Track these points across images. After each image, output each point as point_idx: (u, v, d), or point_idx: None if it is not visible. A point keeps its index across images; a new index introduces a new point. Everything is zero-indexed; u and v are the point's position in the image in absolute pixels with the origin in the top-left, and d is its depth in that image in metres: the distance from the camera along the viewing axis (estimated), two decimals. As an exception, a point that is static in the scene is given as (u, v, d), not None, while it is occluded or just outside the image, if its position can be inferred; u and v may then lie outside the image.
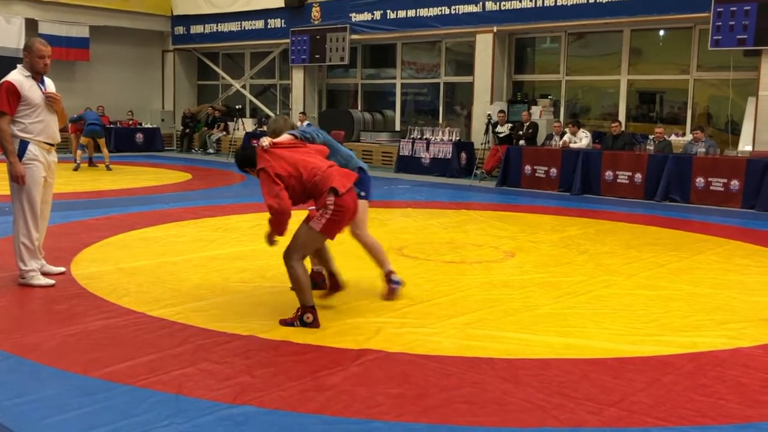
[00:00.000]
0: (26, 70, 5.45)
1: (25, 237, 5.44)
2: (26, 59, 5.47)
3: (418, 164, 15.69)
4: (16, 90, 5.27)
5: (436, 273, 6.20)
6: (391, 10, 17.11)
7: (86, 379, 3.62)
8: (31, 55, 5.46)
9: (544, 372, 3.86)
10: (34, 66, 5.47)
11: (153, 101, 22.58)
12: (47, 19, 19.37)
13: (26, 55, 5.48)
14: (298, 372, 3.78)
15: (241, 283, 5.68)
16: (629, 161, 12.11)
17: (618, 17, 13.76)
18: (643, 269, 6.51)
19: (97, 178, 13.42)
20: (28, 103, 5.35)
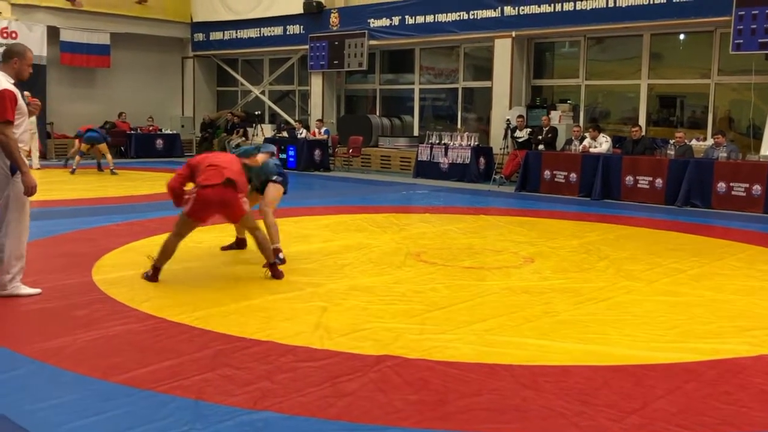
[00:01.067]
0: (10, 76, 5.16)
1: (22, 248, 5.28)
2: (15, 65, 5.19)
3: (437, 169, 15.68)
4: (15, 98, 5.04)
5: (454, 279, 6.18)
6: (409, 15, 17.13)
7: (106, 384, 3.64)
8: (22, 62, 5.23)
9: (565, 379, 3.84)
10: (22, 73, 5.26)
11: (173, 107, 22.74)
12: (69, 27, 19.57)
13: (16, 61, 5.19)
14: (318, 378, 3.78)
15: (260, 289, 5.69)
16: (650, 166, 12.02)
17: (638, 21, 13.69)
18: (664, 275, 6.46)
19: (117, 184, 13.53)
20: (21, 112, 5.14)
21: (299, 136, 17.80)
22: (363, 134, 18.02)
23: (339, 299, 5.40)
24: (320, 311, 5.06)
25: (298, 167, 17.04)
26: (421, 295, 5.59)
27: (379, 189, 13.64)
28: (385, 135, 18.56)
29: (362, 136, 17.91)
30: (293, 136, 17.87)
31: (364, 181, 15.10)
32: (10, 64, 5.20)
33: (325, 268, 6.50)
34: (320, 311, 5.06)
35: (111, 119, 20.80)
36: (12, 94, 5.02)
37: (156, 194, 12.09)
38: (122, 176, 15.13)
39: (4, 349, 4.11)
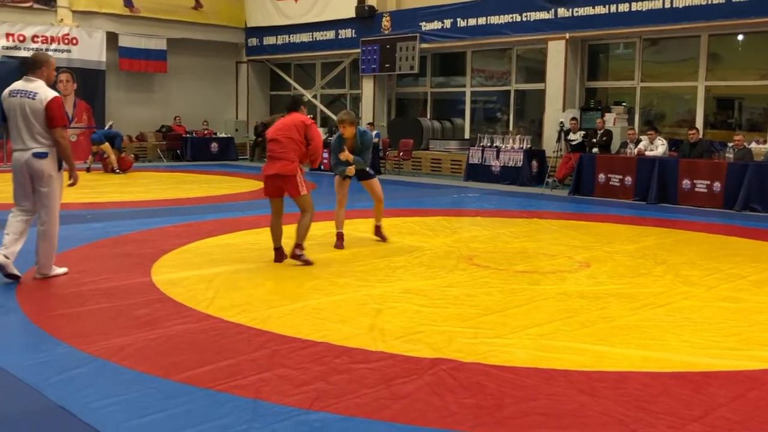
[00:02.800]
0: (45, 82, 5.74)
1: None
2: (44, 72, 5.74)
3: (488, 172, 15.61)
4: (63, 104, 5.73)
5: (508, 283, 6.15)
6: (461, 18, 17.10)
7: (167, 383, 3.72)
8: (50, 69, 5.78)
9: (623, 385, 3.79)
10: (51, 78, 5.81)
11: (227, 111, 23.10)
12: (127, 33, 20.05)
13: (45, 69, 5.74)
14: (373, 379, 3.80)
15: (314, 290, 5.75)
16: (707, 170, 11.78)
17: (695, 22, 13.43)
18: (723, 281, 6.32)
19: (174, 187, 13.79)
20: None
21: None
22: (414, 137, 18.04)
23: (392, 302, 5.42)
24: (374, 313, 5.08)
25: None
26: (475, 298, 5.57)
27: (429, 192, 13.64)
28: (436, 138, 18.55)
29: (413, 139, 17.93)
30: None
31: (414, 184, 15.11)
32: (41, 72, 5.72)
33: (378, 270, 6.52)
34: (374, 313, 5.08)
35: (167, 123, 21.29)
36: (62, 100, 5.69)
37: (212, 196, 12.32)
38: (178, 179, 15.40)
39: (68, 347, 4.23)
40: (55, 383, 3.69)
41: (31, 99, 5.61)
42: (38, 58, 5.82)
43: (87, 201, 10.93)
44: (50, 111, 5.60)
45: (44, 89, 5.68)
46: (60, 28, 19.00)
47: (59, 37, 18.96)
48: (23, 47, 18.45)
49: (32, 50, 18.48)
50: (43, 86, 5.70)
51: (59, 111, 5.63)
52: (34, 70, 5.71)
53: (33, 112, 5.60)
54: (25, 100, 5.62)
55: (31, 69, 5.73)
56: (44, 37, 18.75)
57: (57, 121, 5.62)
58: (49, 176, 5.67)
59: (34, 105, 5.60)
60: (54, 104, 5.62)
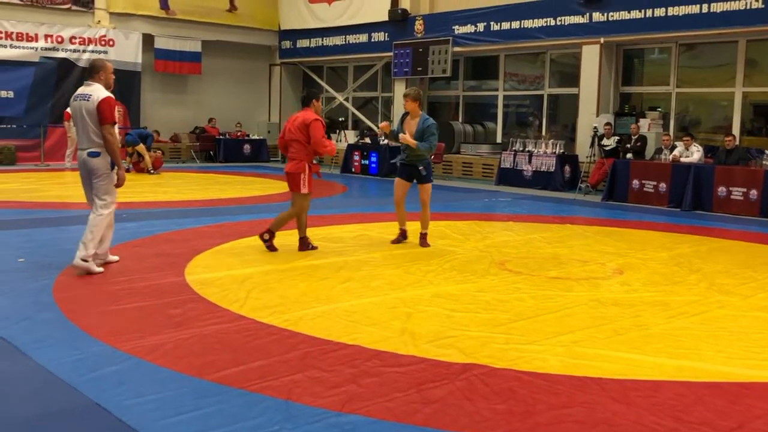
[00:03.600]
0: (103, 86, 6.21)
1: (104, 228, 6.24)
2: (102, 76, 6.24)
3: (520, 177, 15.53)
4: (115, 104, 6.21)
5: (540, 288, 6.11)
6: (494, 21, 17.04)
7: (201, 382, 3.76)
8: (107, 73, 6.28)
9: (656, 394, 3.75)
10: (109, 81, 6.30)
11: (260, 113, 23.26)
12: (163, 35, 20.28)
13: (102, 73, 6.24)
14: (404, 383, 3.80)
15: (346, 293, 5.76)
16: (744, 177, 11.60)
17: (733, 27, 13.24)
18: (760, 290, 6.22)
19: (206, 188, 13.92)
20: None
21: (382, 142, 17.92)
22: (445, 141, 17.97)
23: (423, 306, 5.42)
24: (405, 317, 5.08)
25: (380, 173, 17.17)
26: (506, 304, 5.55)
27: (461, 196, 13.60)
28: (468, 142, 18.50)
29: (444, 142, 17.87)
30: (376, 143, 18.01)
31: (445, 188, 15.08)
32: (99, 76, 6.24)
33: (408, 274, 6.52)
34: (405, 317, 5.08)
35: (201, 125, 21.49)
36: (114, 101, 6.14)
37: (244, 197, 12.41)
38: (211, 179, 15.56)
39: (105, 346, 4.30)
40: (90, 380, 3.74)
41: (87, 101, 6.10)
42: (95, 63, 6.35)
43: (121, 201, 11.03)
44: (100, 109, 6.03)
45: (99, 91, 6.12)
46: (97, 30, 19.28)
47: (96, 39, 19.23)
48: (61, 48, 18.77)
49: (69, 51, 18.84)
50: (99, 89, 6.15)
51: (109, 109, 6.06)
52: (93, 75, 6.23)
53: (88, 113, 6.07)
54: (83, 102, 6.12)
55: (90, 74, 6.26)
56: (82, 38, 19.04)
57: (106, 119, 6.04)
58: (101, 174, 6.15)
59: (89, 106, 6.07)
60: (104, 103, 6.04)
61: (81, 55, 19.04)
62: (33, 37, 18.38)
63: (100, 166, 6.13)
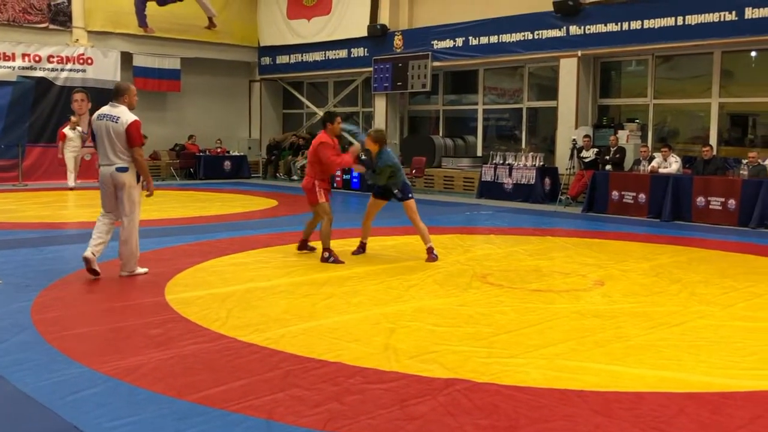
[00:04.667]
0: (127, 108, 6.73)
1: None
2: (126, 99, 6.74)
3: (501, 190, 15.59)
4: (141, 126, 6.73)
5: (522, 301, 6.12)
6: (473, 36, 17.16)
7: (181, 403, 3.71)
8: (131, 95, 6.79)
9: (638, 406, 3.75)
10: (133, 103, 6.80)
11: (240, 130, 23.22)
12: (141, 52, 20.22)
13: (126, 96, 6.75)
14: (387, 400, 3.78)
15: (328, 309, 5.74)
16: (722, 187, 11.71)
17: (708, 39, 13.41)
18: (740, 299, 6.27)
19: (187, 205, 13.85)
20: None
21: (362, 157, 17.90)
22: (426, 155, 18.05)
23: (406, 321, 5.41)
24: (388, 333, 5.07)
25: (362, 188, 17.16)
26: (489, 318, 5.55)
27: (442, 210, 13.63)
28: (448, 155, 18.56)
29: (425, 156, 17.94)
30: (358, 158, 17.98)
31: (427, 202, 15.09)
32: (123, 98, 6.72)
33: (391, 289, 6.51)
34: (388, 333, 5.07)
35: (181, 142, 21.40)
36: (140, 124, 6.69)
37: (225, 215, 12.35)
38: (191, 197, 15.49)
39: (82, 367, 4.24)
40: (68, 403, 3.69)
41: (114, 122, 6.60)
42: (120, 86, 6.88)
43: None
44: (130, 133, 6.58)
45: (126, 114, 6.64)
46: (75, 48, 19.19)
47: (74, 57, 19.14)
48: (39, 67, 18.65)
49: (47, 70, 18.73)
50: (125, 111, 6.67)
51: (137, 133, 6.63)
52: (118, 97, 6.72)
53: (116, 133, 6.59)
54: (110, 123, 6.61)
55: (115, 96, 6.75)
56: (59, 57, 18.93)
57: (135, 142, 6.63)
58: (129, 186, 6.69)
59: (117, 128, 6.58)
60: (133, 127, 6.60)
61: (59, 74, 18.95)
62: (10, 57, 18.25)
63: (127, 180, 6.68)
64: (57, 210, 13.18)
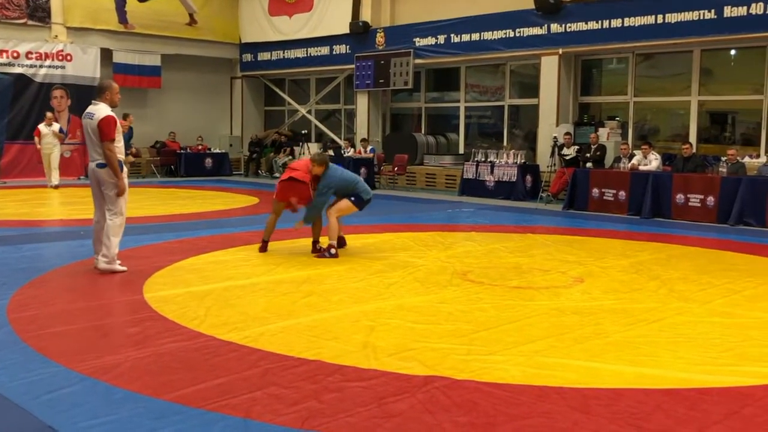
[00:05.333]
0: (108, 105, 6.81)
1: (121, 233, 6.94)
2: (107, 96, 6.83)
3: (483, 187, 15.62)
4: (116, 122, 6.77)
5: (502, 298, 6.13)
6: (455, 34, 17.17)
7: (158, 402, 3.69)
8: (113, 93, 6.87)
9: (616, 402, 3.77)
10: (114, 101, 6.88)
11: (221, 127, 23.10)
12: (121, 49, 20.07)
13: (108, 94, 6.83)
14: (365, 398, 3.77)
15: (307, 307, 5.72)
16: (701, 184, 11.80)
17: (688, 37, 13.51)
18: (718, 296, 6.32)
19: (167, 203, 13.76)
20: (119, 131, 6.83)
21: (345, 154, 17.91)
22: (408, 152, 18.05)
23: (386, 318, 5.40)
24: (367, 330, 5.06)
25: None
26: (468, 315, 5.56)
27: (424, 207, 13.64)
28: (431, 153, 18.58)
29: (407, 154, 17.94)
30: (339, 155, 17.99)
31: (409, 199, 15.11)
32: (105, 96, 6.82)
33: (371, 287, 6.50)
34: (367, 330, 5.06)
35: (162, 139, 21.27)
36: (114, 119, 6.74)
37: (205, 212, 12.29)
38: (172, 194, 15.40)
39: (58, 366, 4.20)
40: (44, 402, 3.66)
41: (91, 119, 6.73)
42: (102, 84, 7.00)
43: (80, 217, 10.89)
44: (100, 127, 6.65)
45: (101, 110, 6.71)
46: (54, 45, 19.01)
47: (53, 54, 18.96)
48: (17, 63, 18.46)
49: (26, 66, 18.54)
50: (103, 108, 6.74)
51: (107, 128, 6.64)
52: (100, 95, 6.85)
53: (92, 130, 6.72)
54: (88, 120, 6.76)
55: (97, 94, 6.88)
56: (38, 53, 18.76)
57: (104, 136, 6.65)
58: (109, 183, 6.75)
59: (93, 124, 6.70)
60: (103, 122, 6.64)
61: (38, 71, 18.76)
62: (-12, 53, 18.06)
63: (107, 176, 6.73)
64: (35, 207, 13.05)
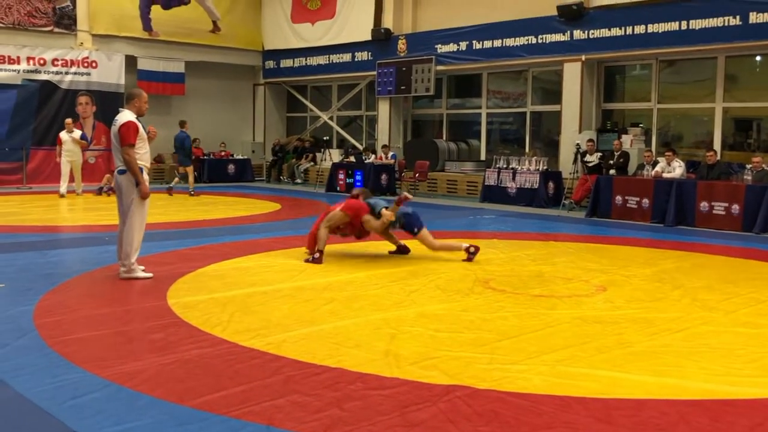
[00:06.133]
0: (134, 113, 6.95)
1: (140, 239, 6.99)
2: (135, 104, 6.99)
3: (504, 194, 15.58)
4: (137, 128, 6.86)
5: (524, 307, 6.11)
6: (476, 40, 17.18)
7: (182, 408, 3.71)
8: (141, 101, 7.02)
9: (639, 413, 3.74)
10: (142, 109, 7.03)
11: (244, 133, 23.25)
12: (146, 56, 20.29)
13: (136, 101, 6.99)
14: (387, 406, 3.78)
15: (329, 314, 5.74)
16: (726, 192, 11.68)
17: (712, 44, 13.40)
18: (742, 305, 6.25)
19: (190, 209, 13.87)
20: (142, 138, 6.93)
21: (366, 160, 17.96)
22: (429, 158, 18.06)
23: (407, 326, 5.40)
24: (389, 338, 5.06)
25: (366, 192, 17.16)
26: (490, 323, 5.54)
27: (445, 214, 13.63)
28: (452, 159, 18.58)
29: (429, 160, 17.96)
30: (360, 161, 18.04)
31: (430, 206, 15.10)
32: (133, 103, 7.02)
33: (392, 294, 6.51)
34: (389, 338, 5.06)
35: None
36: (135, 125, 6.86)
37: (228, 218, 12.37)
38: (194, 200, 15.54)
39: (83, 371, 4.24)
40: (68, 408, 3.70)
41: (114, 126, 6.89)
42: (131, 93, 7.19)
43: (105, 223, 11.01)
44: (120, 132, 6.78)
45: (124, 116, 6.86)
46: (80, 52, 19.25)
47: (79, 61, 19.21)
48: (43, 71, 18.73)
49: (52, 73, 18.79)
50: (126, 114, 6.89)
51: (126, 132, 6.75)
52: (128, 103, 7.08)
53: (114, 135, 6.89)
54: (113, 127, 6.94)
55: (126, 102, 7.15)
56: (64, 60, 19.01)
57: (123, 141, 6.77)
58: (127, 189, 6.84)
59: (114, 130, 6.87)
60: (123, 127, 6.77)
61: (63, 77, 19.02)
62: (15, 60, 18.33)
63: (125, 182, 6.83)
64: (60, 213, 13.21)
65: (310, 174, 21.00)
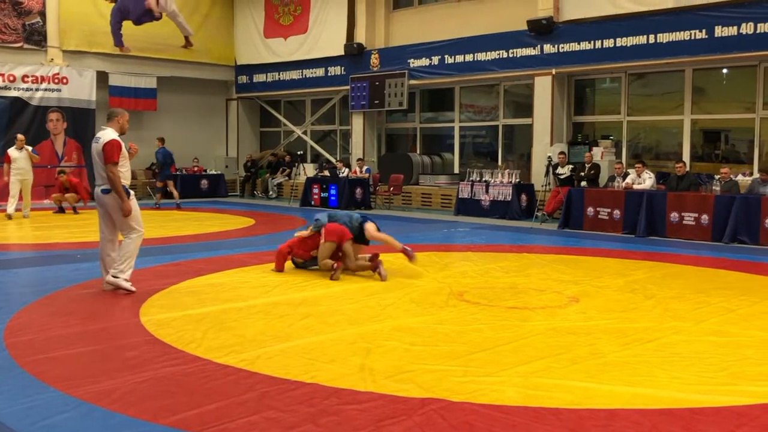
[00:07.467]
0: (116, 131, 7.05)
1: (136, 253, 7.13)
2: (118, 122, 7.10)
3: (478, 207, 15.67)
4: (121, 146, 6.94)
5: (498, 319, 6.15)
6: (449, 55, 17.31)
7: (156, 427, 3.69)
8: (123, 119, 7.15)
9: (612, 423, 3.78)
10: (124, 127, 7.15)
11: (217, 148, 23.17)
12: (117, 72, 20.17)
13: (118, 119, 7.11)
14: (362, 421, 3.78)
15: (304, 330, 5.73)
16: (695, 202, 11.86)
17: (679, 57, 13.63)
18: (712, 315, 6.34)
19: (162, 225, 13.78)
20: (124, 156, 7.02)
21: (341, 175, 17.98)
22: (404, 172, 18.13)
23: (382, 340, 5.41)
24: (364, 353, 5.07)
25: (340, 205, 17.17)
26: (465, 336, 5.57)
27: (419, 227, 13.67)
28: (426, 173, 18.65)
29: (403, 174, 18.02)
30: (335, 175, 18.06)
31: (404, 219, 15.15)
32: (115, 120, 7.10)
33: (368, 308, 6.52)
34: (364, 353, 5.07)
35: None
36: (119, 143, 6.94)
37: (201, 234, 12.30)
38: (168, 216, 15.43)
39: (55, 391, 4.20)
40: (41, 428, 3.66)
41: (96, 144, 6.96)
42: (113, 111, 7.25)
43: (76, 240, 10.91)
44: (104, 150, 6.83)
45: (107, 135, 6.93)
46: (50, 68, 19.09)
47: (49, 77, 19.05)
48: (13, 87, 18.54)
49: (22, 90, 18.61)
50: (109, 132, 6.96)
51: (111, 151, 6.82)
52: (109, 121, 7.13)
53: (97, 153, 6.93)
54: (94, 144, 7.00)
55: (107, 120, 7.16)
56: (34, 76, 18.83)
57: (107, 159, 6.84)
58: (113, 207, 6.93)
59: (98, 148, 6.92)
60: (107, 145, 6.84)
61: (34, 94, 18.84)
62: (-16, 76, 18.12)
63: (110, 201, 6.91)
64: (32, 231, 13.05)
65: (285, 188, 20.97)
